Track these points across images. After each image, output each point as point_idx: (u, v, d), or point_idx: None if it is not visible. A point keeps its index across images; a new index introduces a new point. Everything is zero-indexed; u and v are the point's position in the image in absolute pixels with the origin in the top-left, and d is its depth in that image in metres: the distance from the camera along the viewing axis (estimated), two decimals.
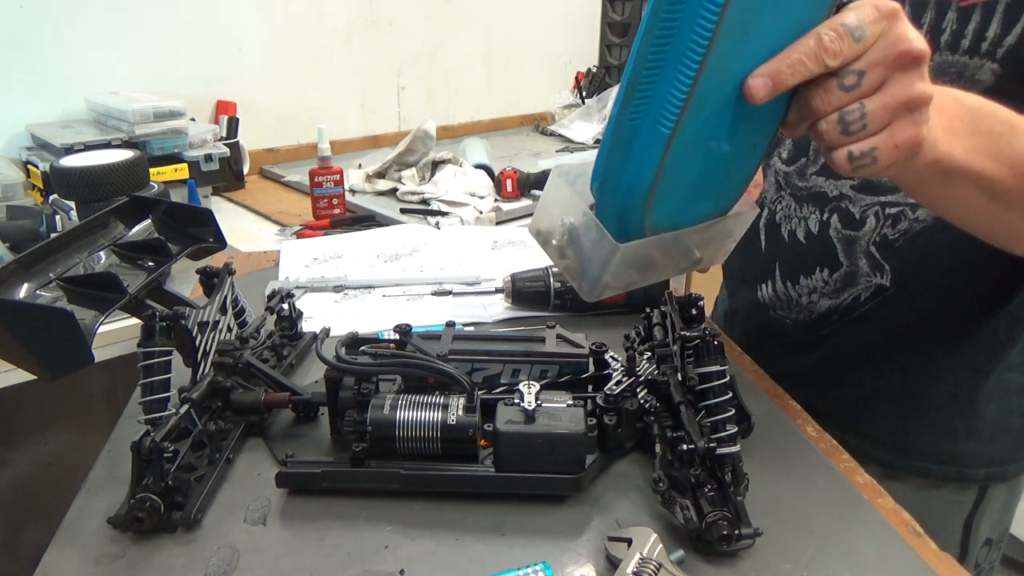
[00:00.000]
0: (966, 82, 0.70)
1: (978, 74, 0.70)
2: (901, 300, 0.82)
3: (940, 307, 0.81)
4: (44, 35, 1.56)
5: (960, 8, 0.70)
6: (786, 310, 0.91)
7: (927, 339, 0.83)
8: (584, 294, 0.62)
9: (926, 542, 0.61)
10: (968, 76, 0.70)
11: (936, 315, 0.81)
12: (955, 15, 0.71)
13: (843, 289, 0.85)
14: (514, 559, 0.57)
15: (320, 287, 1.09)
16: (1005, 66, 0.67)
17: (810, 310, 0.88)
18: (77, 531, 0.61)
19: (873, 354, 0.86)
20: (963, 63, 0.70)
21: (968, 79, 0.70)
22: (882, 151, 0.49)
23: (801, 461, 0.71)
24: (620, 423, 0.67)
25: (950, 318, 0.81)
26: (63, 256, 0.70)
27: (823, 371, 0.90)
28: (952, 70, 0.71)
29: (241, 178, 1.80)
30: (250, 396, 0.72)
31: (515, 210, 1.55)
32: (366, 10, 2.08)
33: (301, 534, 0.61)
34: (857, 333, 0.86)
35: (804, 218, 0.86)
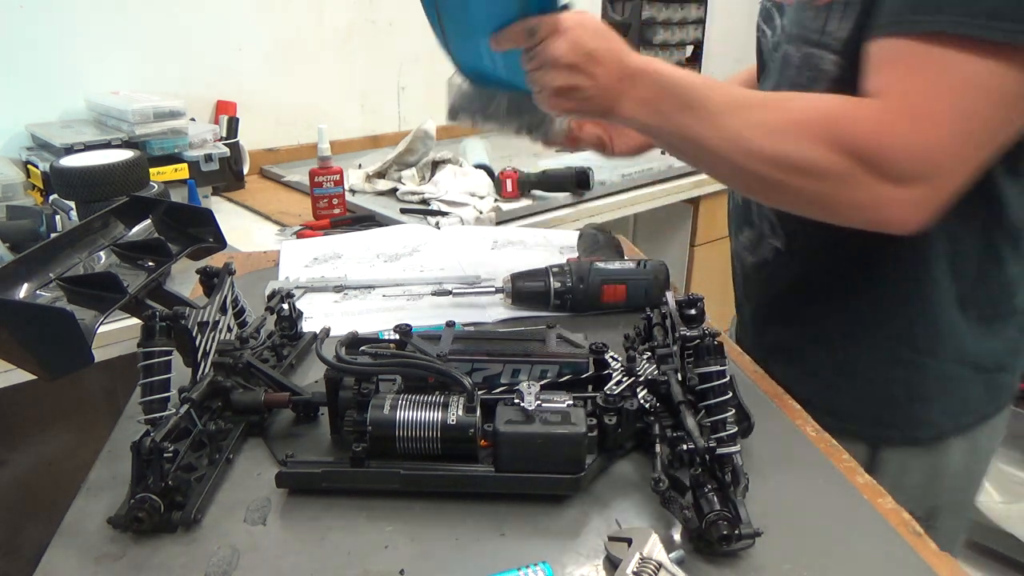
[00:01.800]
0: (814, 70, 0.82)
1: (822, 64, 0.80)
2: (793, 264, 0.92)
3: (824, 274, 0.89)
4: (44, 35, 1.56)
5: (812, 7, 0.82)
6: (738, 263, 1.04)
7: (815, 303, 0.91)
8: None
9: (926, 542, 0.61)
10: (814, 65, 0.81)
11: (820, 281, 0.90)
12: (806, 13, 0.83)
13: (755, 248, 0.97)
14: (514, 559, 0.57)
15: (320, 287, 1.09)
16: (844, 57, 0.78)
17: (744, 264, 1.01)
18: (77, 531, 0.61)
19: (773, 312, 0.98)
20: (812, 53, 0.82)
21: (815, 67, 0.81)
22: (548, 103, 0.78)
23: (801, 461, 0.71)
24: (620, 423, 0.67)
25: (833, 285, 0.89)
26: (63, 256, 0.70)
27: (752, 322, 1.04)
28: (807, 60, 0.83)
29: (241, 178, 1.80)
30: (250, 396, 0.72)
31: (515, 210, 1.55)
32: (366, 10, 2.08)
33: (301, 534, 0.61)
34: (768, 290, 0.98)
35: None
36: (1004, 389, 0.92)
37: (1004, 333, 0.88)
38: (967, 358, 0.88)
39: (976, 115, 0.68)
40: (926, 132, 0.68)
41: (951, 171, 0.70)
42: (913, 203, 0.70)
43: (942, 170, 0.69)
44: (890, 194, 0.70)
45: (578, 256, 1.15)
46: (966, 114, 0.68)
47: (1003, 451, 2.11)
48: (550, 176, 1.63)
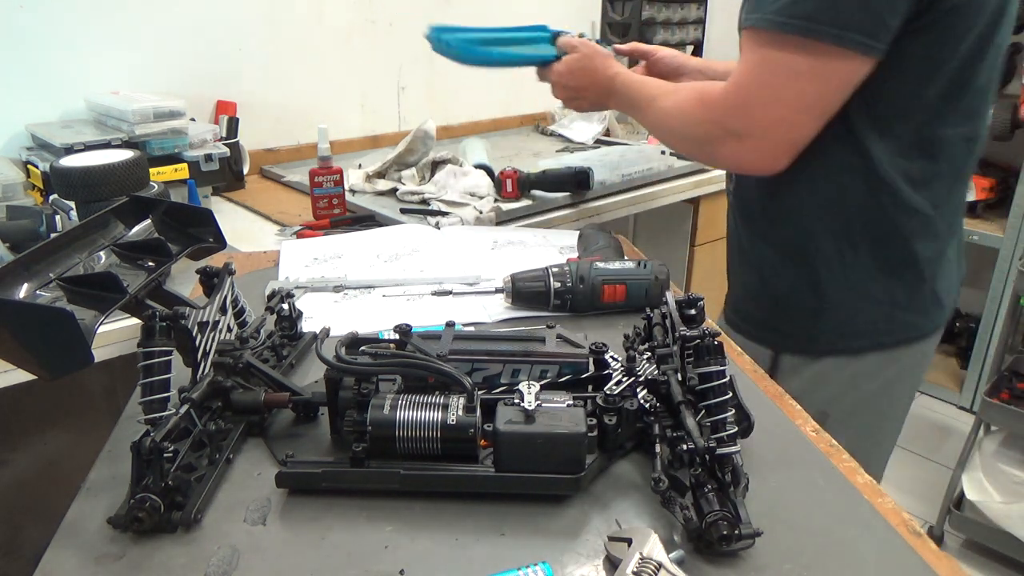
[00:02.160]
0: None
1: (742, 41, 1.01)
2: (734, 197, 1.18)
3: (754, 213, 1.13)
4: (44, 35, 1.56)
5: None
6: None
7: (742, 225, 1.16)
8: None
9: (926, 542, 0.61)
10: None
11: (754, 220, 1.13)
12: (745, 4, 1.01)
13: (729, 182, 1.21)
14: (514, 559, 0.57)
15: (320, 287, 1.09)
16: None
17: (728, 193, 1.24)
18: (77, 531, 0.61)
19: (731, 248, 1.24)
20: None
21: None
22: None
23: (801, 461, 0.71)
24: (620, 423, 0.67)
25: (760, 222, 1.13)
26: (63, 256, 0.70)
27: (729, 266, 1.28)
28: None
29: (241, 178, 1.80)
30: (250, 396, 0.72)
31: (515, 210, 1.54)
32: (366, 10, 2.08)
33: (301, 534, 0.61)
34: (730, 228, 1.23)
35: None
36: (898, 325, 1.07)
37: (903, 276, 1.04)
38: (863, 293, 1.05)
39: (785, 89, 0.93)
40: (748, 102, 0.96)
41: (771, 129, 0.96)
42: (755, 153, 0.98)
43: (764, 130, 0.96)
44: (740, 148, 0.98)
45: (578, 256, 1.15)
46: (776, 89, 0.94)
47: (1003, 451, 2.11)
48: (550, 176, 1.63)
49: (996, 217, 2.62)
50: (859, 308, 1.06)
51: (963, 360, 2.85)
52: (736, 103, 0.97)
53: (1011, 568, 2.05)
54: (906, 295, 1.05)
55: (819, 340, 1.09)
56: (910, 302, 1.06)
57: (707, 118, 1.01)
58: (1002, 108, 2.41)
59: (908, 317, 1.07)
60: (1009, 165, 2.65)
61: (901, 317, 1.06)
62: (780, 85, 0.93)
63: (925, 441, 2.64)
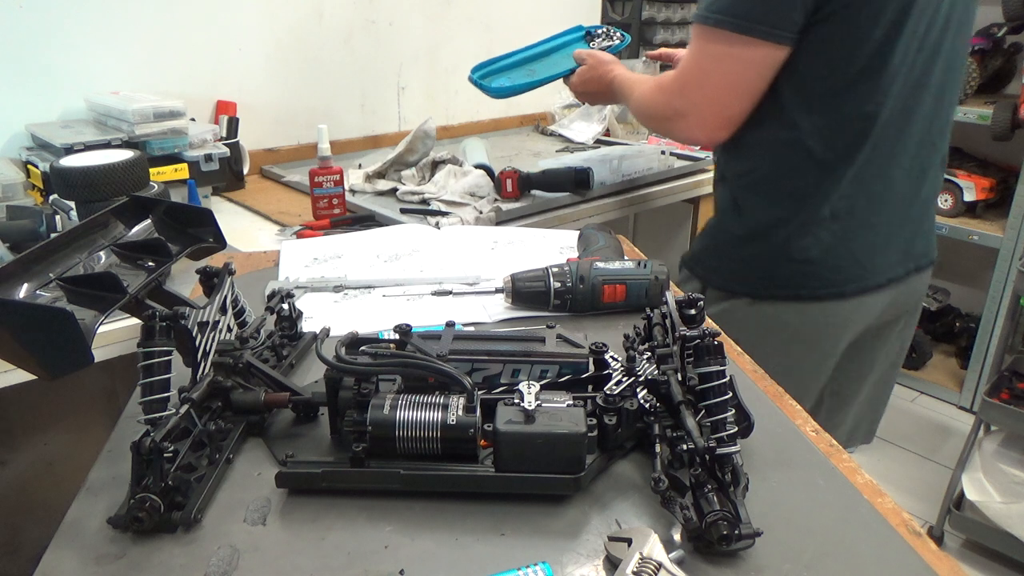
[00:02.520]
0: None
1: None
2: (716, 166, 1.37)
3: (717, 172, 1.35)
4: (44, 35, 1.56)
5: None
6: None
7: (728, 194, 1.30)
8: None
9: (926, 542, 0.61)
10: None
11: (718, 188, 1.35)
12: None
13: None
14: (514, 559, 0.57)
15: (320, 287, 1.09)
16: None
17: None
18: (77, 531, 0.61)
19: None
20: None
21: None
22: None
23: (801, 461, 0.71)
24: (620, 423, 0.67)
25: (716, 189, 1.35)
26: (63, 256, 0.70)
27: None
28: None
29: (241, 178, 1.80)
30: (250, 396, 0.72)
31: (515, 210, 1.54)
32: (366, 10, 2.08)
33: (301, 534, 0.61)
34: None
35: None
36: (811, 278, 1.21)
37: (819, 236, 1.18)
38: (784, 248, 1.20)
39: (714, 73, 1.15)
40: (686, 85, 1.19)
41: (706, 107, 1.17)
42: (696, 128, 1.20)
43: (700, 108, 1.18)
44: (685, 124, 1.21)
45: (578, 256, 1.15)
46: (708, 73, 1.15)
47: (1003, 451, 2.11)
48: (550, 176, 1.63)
49: (996, 217, 2.62)
50: (780, 261, 1.21)
51: (963, 360, 2.85)
52: (678, 87, 1.20)
53: (1011, 568, 2.05)
54: (821, 252, 1.19)
55: (742, 285, 1.27)
56: (823, 259, 1.20)
57: (661, 100, 1.24)
58: (1002, 108, 2.41)
59: (823, 273, 1.21)
60: (1009, 165, 2.65)
61: (816, 273, 1.21)
62: (710, 70, 1.15)
63: (925, 441, 2.64)
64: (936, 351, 2.98)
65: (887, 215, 1.21)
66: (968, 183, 2.59)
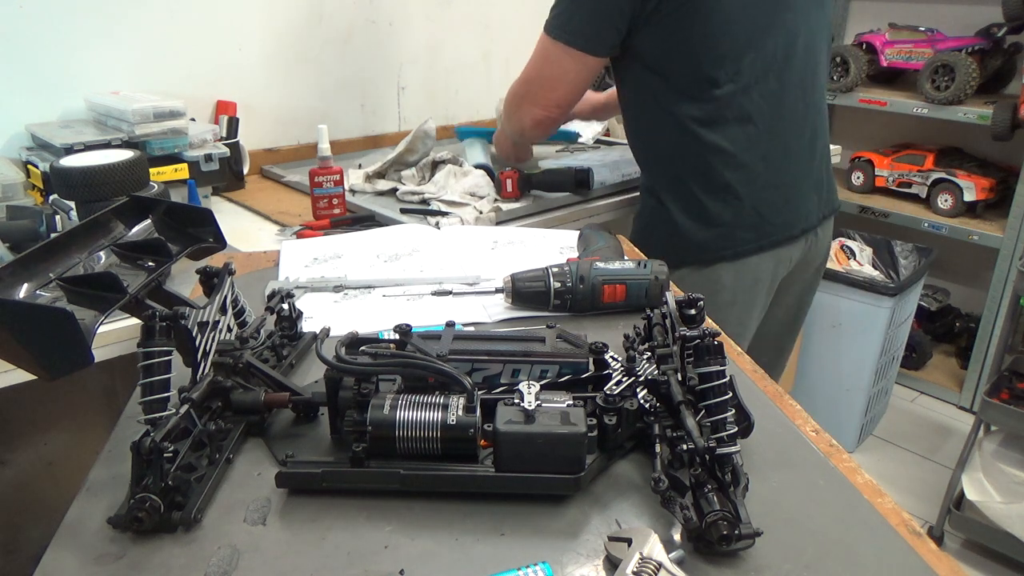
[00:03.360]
0: None
1: None
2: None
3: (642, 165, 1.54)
4: (44, 35, 1.56)
5: None
6: None
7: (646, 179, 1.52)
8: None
9: (926, 542, 0.61)
10: None
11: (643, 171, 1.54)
12: None
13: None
14: (514, 559, 0.57)
15: (320, 287, 1.09)
16: None
17: None
18: (77, 531, 0.61)
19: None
20: None
21: None
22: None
23: (801, 461, 0.71)
24: (620, 423, 0.67)
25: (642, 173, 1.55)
26: (63, 256, 0.70)
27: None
28: None
29: (241, 178, 1.80)
30: (250, 396, 0.72)
31: (515, 210, 1.54)
32: (366, 10, 2.08)
33: (301, 534, 0.61)
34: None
35: None
36: (733, 240, 1.39)
37: (725, 200, 1.38)
38: (700, 217, 1.39)
39: (544, 70, 1.42)
40: (526, 77, 1.46)
41: (538, 94, 1.44)
42: (534, 108, 1.46)
43: (533, 93, 1.45)
44: (527, 106, 1.47)
45: (578, 256, 1.15)
46: (540, 70, 1.43)
47: (1003, 451, 2.11)
48: (550, 176, 1.63)
49: (996, 217, 2.62)
50: (699, 228, 1.40)
51: (963, 360, 2.85)
52: (523, 78, 1.47)
53: (1011, 568, 2.05)
54: (732, 215, 1.38)
55: (677, 255, 1.35)
56: (736, 220, 1.39)
57: (511, 94, 1.51)
58: (1002, 108, 2.41)
59: (739, 234, 1.40)
60: (1009, 165, 2.65)
61: (733, 234, 1.39)
62: (543, 67, 1.42)
63: (925, 441, 2.64)
64: (936, 351, 2.98)
65: (791, 174, 1.43)
66: (968, 183, 2.59)
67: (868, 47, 2.77)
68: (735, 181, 1.37)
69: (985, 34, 2.60)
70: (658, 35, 1.31)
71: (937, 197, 2.68)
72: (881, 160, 2.84)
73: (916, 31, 2.67)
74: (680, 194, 1.41)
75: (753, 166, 1.37)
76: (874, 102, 2.72)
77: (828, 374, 2.52)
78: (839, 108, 3.02)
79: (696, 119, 1.34)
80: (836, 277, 2.42)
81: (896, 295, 2.35)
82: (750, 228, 1.40)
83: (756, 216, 1.39)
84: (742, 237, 1.40)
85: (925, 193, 2.72)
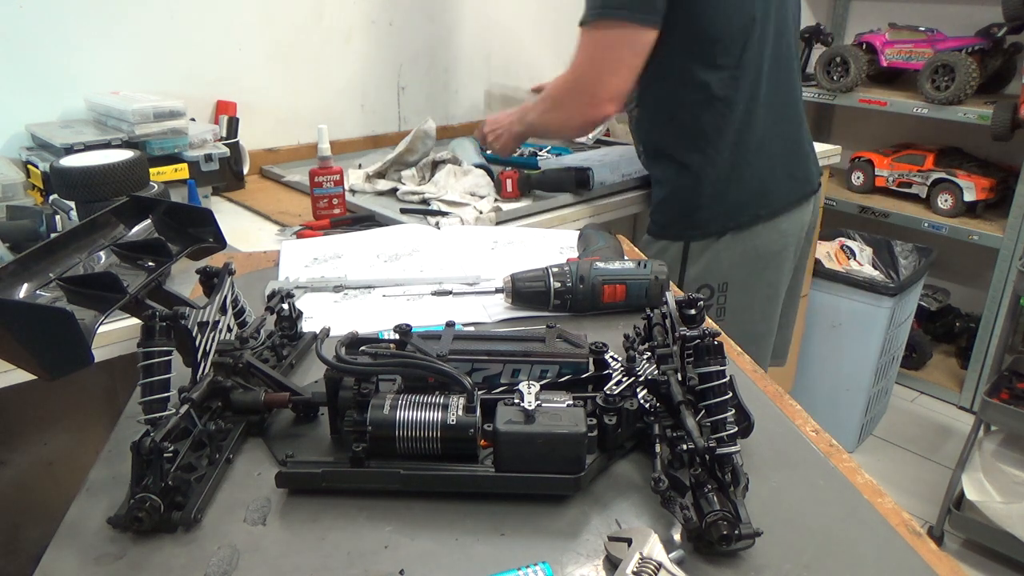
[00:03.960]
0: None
1: None
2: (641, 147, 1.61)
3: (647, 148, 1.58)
4: (44, 35, 1.56)
5: None
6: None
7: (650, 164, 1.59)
8: None
9: (926, 542, 0.61)
10: None
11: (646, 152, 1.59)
12: None
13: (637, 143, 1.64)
14: (514, 559, 0.57)
15: (320, 287, 1.09)
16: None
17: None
18: (77, 531, 0.61)
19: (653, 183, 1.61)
20: None
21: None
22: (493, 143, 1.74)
23: (801, 461, 0.71)
24: (620, 423, 0.67)
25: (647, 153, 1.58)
26: (63, 256, 0.70)
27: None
28: None
29: (241, 178, 1.80)
30: (250, 396, 0.72)
31: (515, 210, 1.54)
32: (366, 10, 2.08)
33: (301, 534, 0.61)
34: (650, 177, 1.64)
35: None
36: (768, 199, 1.48)
37: (752, 164, 1.45)
38: (733, 179, 1.44)
39: (596, 58, 1.39)
40: (576, 73, 1.43)
41: (594, 88, 1.40)
42: (589, 107, 1.42)
43: (588, 88, 1.41)
44: (580, 104, 1.43)
45: (578, 256, 1.15)
46: (592, 60, 1.39)
47: (1003, 451, 2.11)
48: (550, 176, 1.63)
49: (996, 217, 2.62)
50: (730, 192, 1.45)
51: (963, 360, 2.85)
52: (572, 76, 1.43)
53: (1011, 568, 2.05)
54: (766, 173, 1.46)
55: (714, 223, 1.47)
56: (769, 177, 1.47)
57: (558, 93, 1.49)
58: (1002, 108, 2.41)
59: (773, 188, 1.48)
60: (1009, 165, 2.65)
61: (773, 188, 1.48)
62: (595, 55, 1.39)
63: (925, 441, 2.64)
64: (936, 351, 2.98)
65: (799, 133, 1.55)
66: (968, 183, 2.59)
67: (868, 47, 2.77)
68: (763, 140, 1.43)
69: (985, 34, 2.60)
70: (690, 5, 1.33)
71: (937, 197, 2.68)
72: (881, 160, 2.84)
73: (916, 31, 2.67)
74: (710, 160, 1.43)
75: (773, 124, 1.45)
76: (874, 102, 2.72)
77: (828, 374, 2.52)
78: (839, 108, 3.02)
79: (721, 85, 1.39)
80: (836, 277, 2.42)
81: (896, 295, 2.35)
82: (782, 183, 1.48)
83: (783, 173, 1.48)
84: (776, 192, 1.48)
85: (925, 193, 2.73)
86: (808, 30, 2.89)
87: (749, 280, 1.51)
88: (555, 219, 1.61)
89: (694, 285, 1.50)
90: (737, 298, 1.50)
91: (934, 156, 2.72)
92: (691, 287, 1.50)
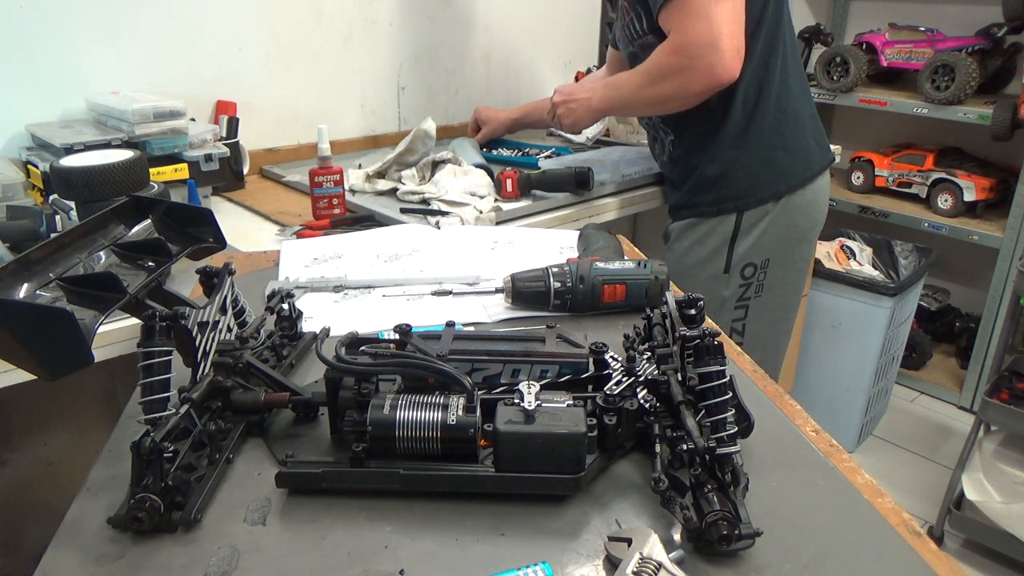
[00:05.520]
0: (649, 49, 1.41)
1: (648, 42, 1.43)
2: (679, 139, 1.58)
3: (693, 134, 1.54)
4: (44, 35, 1.56)
5: (622, 26, 1.53)
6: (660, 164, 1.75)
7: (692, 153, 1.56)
8: None
9: (926, 542, 0.61)
10: (649, 46, 1.41)
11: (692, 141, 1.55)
12: (623, 32, 1.53)
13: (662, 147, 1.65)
14: (514, 559, 0.57)
15: (320, 287, 1.09)
16: (654, 34, 1.41)
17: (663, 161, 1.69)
18: (77, 531, 0.61)
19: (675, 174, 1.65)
20: (644, 42, 1.45)
21: (650, 47, 1.40)
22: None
23: (801, 461, 0.71)
24: (620, 423, 0.67)
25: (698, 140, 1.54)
26: (63, 256, 0.70)
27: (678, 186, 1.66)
28: (644, 47, 1.45)
29: (241, 178, 1.80)
30: (250, 396, 0.72)
31: (515, 210, 1.54)
32: (366, 10, 2.08)
33: (301, 534, 0.61)
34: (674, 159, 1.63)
35: None
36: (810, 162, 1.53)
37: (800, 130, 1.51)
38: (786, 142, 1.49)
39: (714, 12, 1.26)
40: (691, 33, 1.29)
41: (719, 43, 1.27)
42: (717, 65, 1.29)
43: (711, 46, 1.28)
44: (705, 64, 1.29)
45: (578, 256, 1.15)
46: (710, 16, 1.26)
47: (1003, 451, 2.11)
48: (550, 176, 1.63)
49: (996, 217, 2.62)
50: (777, 159, 1.48)
51: (963, 360, 2.85)
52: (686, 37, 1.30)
53: (1011, 568, 2.05)
54: (809, 137, 1.52)
55: (769, 188, 1.49)
56: (807, 143, 1.52)
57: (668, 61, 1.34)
58: (1002, 108, 2.41)
59: (811, 153, 1.53)
60: (1009, 165, 2.65)
61: (809, 154, 1.52)
62: (712, 10, 1.27)
63: (925, 441, 2.64)
64: (936, 351, 2.98)
65: (812, 110, 1.57)
66: (968, 183, 2.59)
67: (868, 47, 2.77)
68: (797, 105, 1.49)
69: (985, 34, 2.60)
70: None
71: (937, 197, 2.68)
72: (881, 160, 2.84)
73: (916, 31, 2.67)
74: (757, 126, 1.46)
75: (801, 92, 1.51)
76: (874, 102, 2.72)
77: (828, 374, 2.52)
78: (839, 108, 3.02)
79: (765, 51, 1.42)
80: (836, 277, 2.42)
81: (896, 295, 2.35)
82: (813, 150, 1.53)
83: (813, 140, 1.53)
84: (812, 157, 1.53)
85: (925, 193, 2.73)
86: (808, 30, 2.89)
87: (788, 254, 1.56)
88: (555, 219, 1.61)
89: (740, 264, 1.53)
90: (775, 273, 1.55)
91: (934, 156, 2.72)
92: (737, 267, 1.53)
